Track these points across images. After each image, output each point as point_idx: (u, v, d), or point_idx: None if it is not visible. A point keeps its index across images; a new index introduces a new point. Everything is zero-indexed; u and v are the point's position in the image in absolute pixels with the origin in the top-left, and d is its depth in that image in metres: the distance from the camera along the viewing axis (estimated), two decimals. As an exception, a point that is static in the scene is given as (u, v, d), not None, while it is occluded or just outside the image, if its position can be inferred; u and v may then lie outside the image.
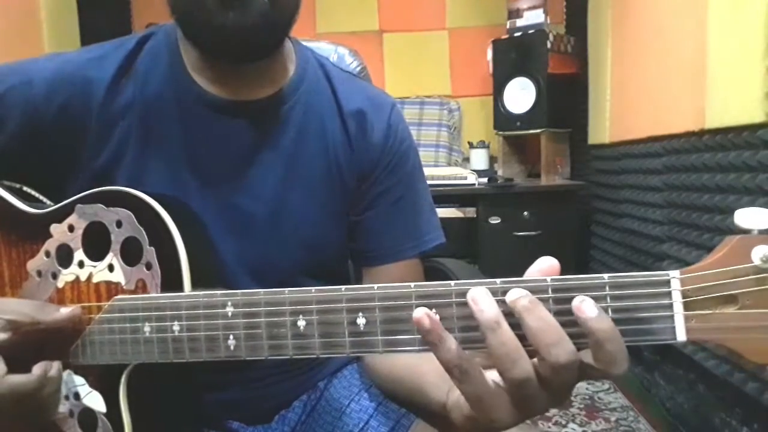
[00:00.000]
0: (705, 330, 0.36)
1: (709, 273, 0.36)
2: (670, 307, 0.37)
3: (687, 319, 0.37)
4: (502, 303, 0.39)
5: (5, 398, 0.49)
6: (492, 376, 0.40)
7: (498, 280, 0.39)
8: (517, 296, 0.39)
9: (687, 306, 0.37)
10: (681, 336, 0.36)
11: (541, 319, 0.38)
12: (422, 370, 0.57)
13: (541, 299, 0.39)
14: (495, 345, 0.38)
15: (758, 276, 0.35)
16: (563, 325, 0.38)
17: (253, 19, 0.56)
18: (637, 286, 0.38)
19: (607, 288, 0.38)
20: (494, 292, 0.39)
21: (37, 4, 1.98)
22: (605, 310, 0.38)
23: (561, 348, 0.37)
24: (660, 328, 0.37)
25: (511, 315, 0.38)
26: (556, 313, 0.38)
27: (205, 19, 0.56)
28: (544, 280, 0.39)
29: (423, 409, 0.60)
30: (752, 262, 0.35)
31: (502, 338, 0.38)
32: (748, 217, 0.36)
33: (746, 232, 0.36)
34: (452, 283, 0.40)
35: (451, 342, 0.39)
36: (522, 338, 0.38)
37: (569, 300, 0.38)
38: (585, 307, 0.37)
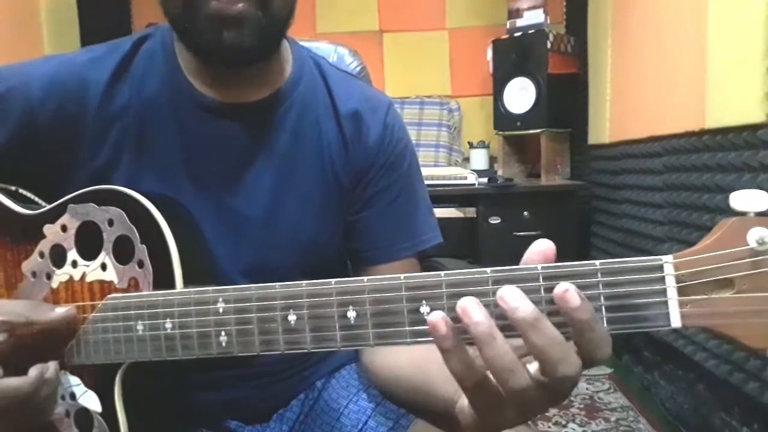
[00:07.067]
0: (700, 315, 0.35)
1: (703, 257, 0.35)
2: (663, 292, 0.36)
3: (681, 304, 0.36)
4: (494, 305, 0.38)
5: (2, 402, 0.48)
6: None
7: (488, 270, 0.39)
8: (523, 315, 0.37)
9: (681, 291, 0.36)
10: (675, 322, 0.36)
11: (546, 337, 0.37)
12: (429, 368, 0.56)
13: (531, 287, 0.38)
14: (491, 358, 0.37)
15: (754, 259, 0.34)
16: (550, 314, 0.37)
17: (250, 37, 0.56)
18: (630, 271, 0.37)
19: (599, 275, 0.37)
20: (485, 294, 0.38)
21: (37, 4, 1.99)
22: (597, 297, 0.37)
23: (567, 364, 0.37)
24: (654, 314, 0.36)
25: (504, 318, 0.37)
26: (549, 302, 0.37)
27: (200, 31, 0.56)
28: (535, 268, 0.38)
29: (426, 407, 0.59)
30: (748, 245, 0.34)
31: (498, 351, 0.37)
32: (743, 198, 0.35)
33: (742, 214, 0.35)
34: (442, 273, 0.39)
35: (466, 353, 0.38)
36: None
37: None
38: (569, 297, 0.36)
